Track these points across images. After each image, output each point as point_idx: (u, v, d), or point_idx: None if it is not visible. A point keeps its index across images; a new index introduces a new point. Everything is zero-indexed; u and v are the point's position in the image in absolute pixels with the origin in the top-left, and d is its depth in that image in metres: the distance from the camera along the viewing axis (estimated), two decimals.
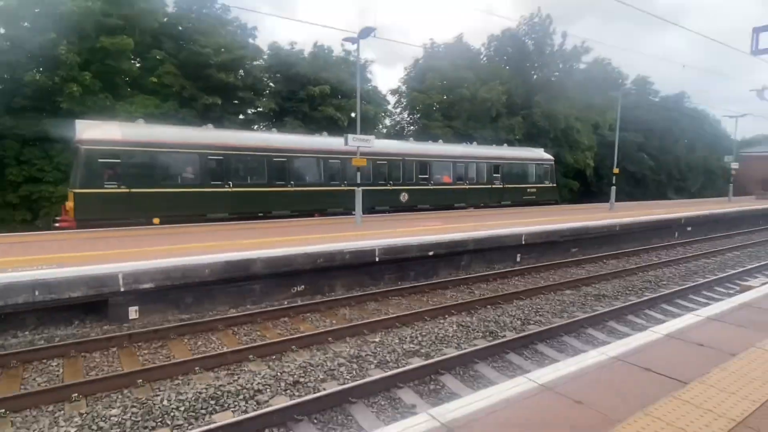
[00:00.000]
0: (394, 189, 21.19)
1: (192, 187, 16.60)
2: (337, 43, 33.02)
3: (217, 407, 5.68)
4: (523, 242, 14.44)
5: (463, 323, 8.84)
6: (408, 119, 41.46)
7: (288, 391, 6.12)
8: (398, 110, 41.58)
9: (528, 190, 26.88)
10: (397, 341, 7.87)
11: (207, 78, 25.59)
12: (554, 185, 28.74)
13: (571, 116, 39.42)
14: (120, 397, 5.90)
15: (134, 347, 7.55)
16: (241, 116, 28.66)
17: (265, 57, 30.57)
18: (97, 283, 8.12)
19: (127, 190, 15.19)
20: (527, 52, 42.63)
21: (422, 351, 7.55)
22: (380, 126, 35.72)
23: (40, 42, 20.30)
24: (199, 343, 7.86)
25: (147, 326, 8.33)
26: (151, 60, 24.83)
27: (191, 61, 25.47)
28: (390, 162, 21.16)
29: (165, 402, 5.71)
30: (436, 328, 8.50)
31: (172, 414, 5.49)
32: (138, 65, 25.06)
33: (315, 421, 5.41)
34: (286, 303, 10.02)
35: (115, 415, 5.41)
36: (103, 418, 5.34)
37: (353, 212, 16.24)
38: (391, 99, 40.46)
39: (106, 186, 14.95)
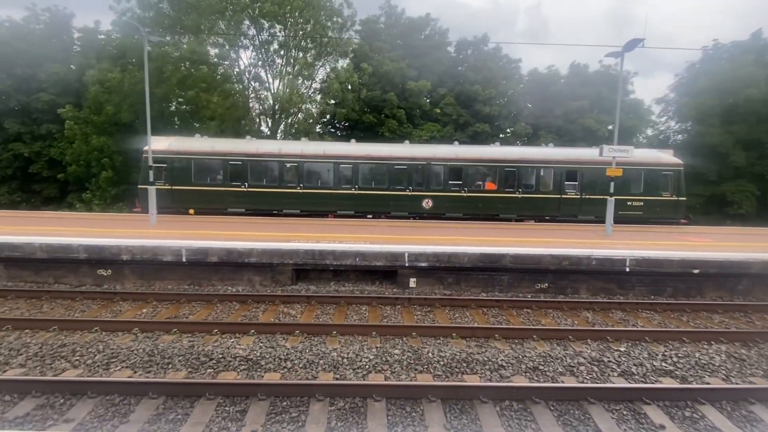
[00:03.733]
0: (414, 195, 17.16)
1: (218, 186, 16.87)
2: (590, 60, 29.43)
3: (467, 370, 5.89)
4: None
5: (736, 355, 6.58)
6: (675, 127, 33.30)
7: (528, 374, 5.84)
8: (663, 119, 33.85)
9: (628, 203, 17.44)
10: (645, 356, 6.47)
11: (476, 108, 26.82)
12: (680, 198, 17.79)
13: None
14: (400, 342, 6.79)
15: (411, 308, 8.55)
16: (501, 135, 28.75)
17: (525, 81, 29.77)
18: (392, 258, 9.57)
19: (170, 187, 16.63)
20: None
21: (677, 373, 5.98)
22: (639, 136, 29.87)
23: (374, 95, 25.63)
24: (456, 315, 8.29)
25: (420, 294, 9.32)
26: (436, 96, 27.58)
27: (465, 95, 27.11)
28: (411, 166, 17.24)
29: (430, 354, 6.27)
30: (697, 353, 6.60)
31: (434, 365, 5.99)
32: (428, 100, 28.19)
33: (551, 408, 4.98)
34: (529, 296, 9.56)
35: (397, 354, 6.26)
36: (390, 354, 6.25)
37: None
38: (656, 108, 33.26)
39: (156, 183, 15.89)
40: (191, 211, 16.73)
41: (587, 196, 17.59)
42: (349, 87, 25.73)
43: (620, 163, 17.85)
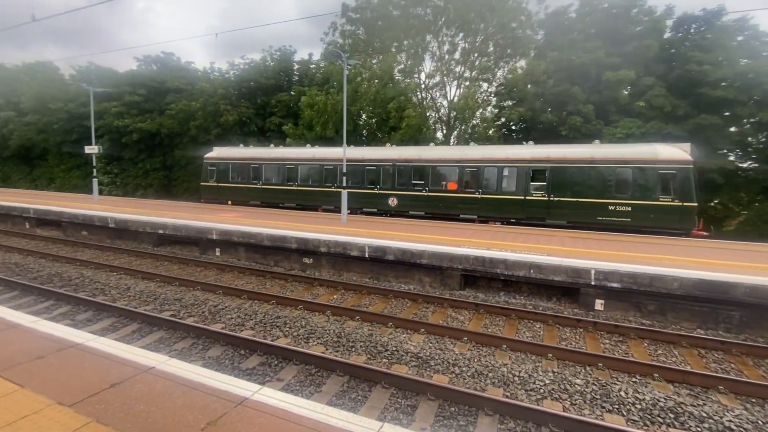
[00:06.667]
0: (381, 193, 18.46)
1: (244, 184, 21.70)
2: None
3: (676, 422, 4.74)
4: None
5: None
6: None
7: None
8: None
9: (609, 207, 14.34)
10: None
11: (699, 95, 21.47)
12: (686, 204, 13.56)
13: None
14: (583, 371, 5.96)
15: (597, 334, 7.43)
16: (732, 128, 22.30)
17: None
18: (574, 274, 8.53)
19: (216, 184, 22.46)
20: None
21: None
22: None
23: (557, 91, 23.28)
24: (659, 351, 6.80)
25: (609, 319, 8.01)
26: (640, 86, 23.23)
27: (684, 80, 22.06)
28: (379, 167, 18.65)
29: (622, 393, 5.30)
30: None
31: (627, 407, 5.03)
32: (626, 93, 24.08)
33: None
34: None
35: (579, 384, 5.51)
36: (569, 383, 5.55)
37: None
38: None
39: (209, 181, 22.76)
40: (229, 202, 21.97)
41: (556, 198, 15.43)
42: (529, 85, 24.16)
43: (598, 160, 14.98)
